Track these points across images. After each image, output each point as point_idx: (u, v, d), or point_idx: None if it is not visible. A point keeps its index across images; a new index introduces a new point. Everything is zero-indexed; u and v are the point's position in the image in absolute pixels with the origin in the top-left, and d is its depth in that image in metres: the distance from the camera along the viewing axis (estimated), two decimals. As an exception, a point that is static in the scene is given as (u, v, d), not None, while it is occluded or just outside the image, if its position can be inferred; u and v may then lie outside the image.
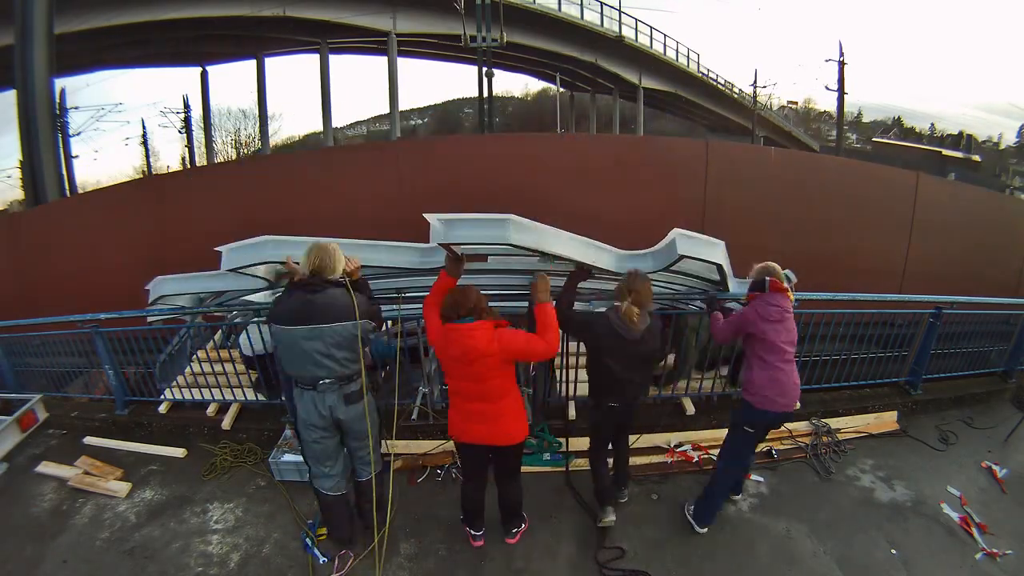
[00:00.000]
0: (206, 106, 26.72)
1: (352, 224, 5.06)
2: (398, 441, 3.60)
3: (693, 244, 2.76)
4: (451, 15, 16.81)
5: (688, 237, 2.75)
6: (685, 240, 2.73)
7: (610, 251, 2.85)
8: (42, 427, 4.17)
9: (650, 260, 2.89)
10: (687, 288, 3.43)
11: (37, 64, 11.99)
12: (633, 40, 24.76)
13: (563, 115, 36.27)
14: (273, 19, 18.58)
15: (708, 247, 2.83)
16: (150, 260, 4.88)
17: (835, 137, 26.58)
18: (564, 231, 2.57)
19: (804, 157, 9.44)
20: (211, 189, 5.18)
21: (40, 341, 4.70)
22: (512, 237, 2.26)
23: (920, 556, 2.78)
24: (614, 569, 2.69)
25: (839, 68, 23.35)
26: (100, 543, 3.00)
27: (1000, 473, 3.41)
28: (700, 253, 2.79)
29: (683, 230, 2.75)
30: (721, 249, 2.89)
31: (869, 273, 4.96)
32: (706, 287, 3.31)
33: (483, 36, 14.85)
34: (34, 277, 5.46)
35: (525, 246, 2.36)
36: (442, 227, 2.26)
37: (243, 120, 33.17)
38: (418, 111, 49.37)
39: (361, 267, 2.62)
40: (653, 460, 3.48)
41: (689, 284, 3.37)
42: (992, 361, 4.53)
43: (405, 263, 2.90)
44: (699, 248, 2.79)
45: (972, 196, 5.81)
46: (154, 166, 28.69)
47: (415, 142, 12.22)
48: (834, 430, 3.73)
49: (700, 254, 2.79)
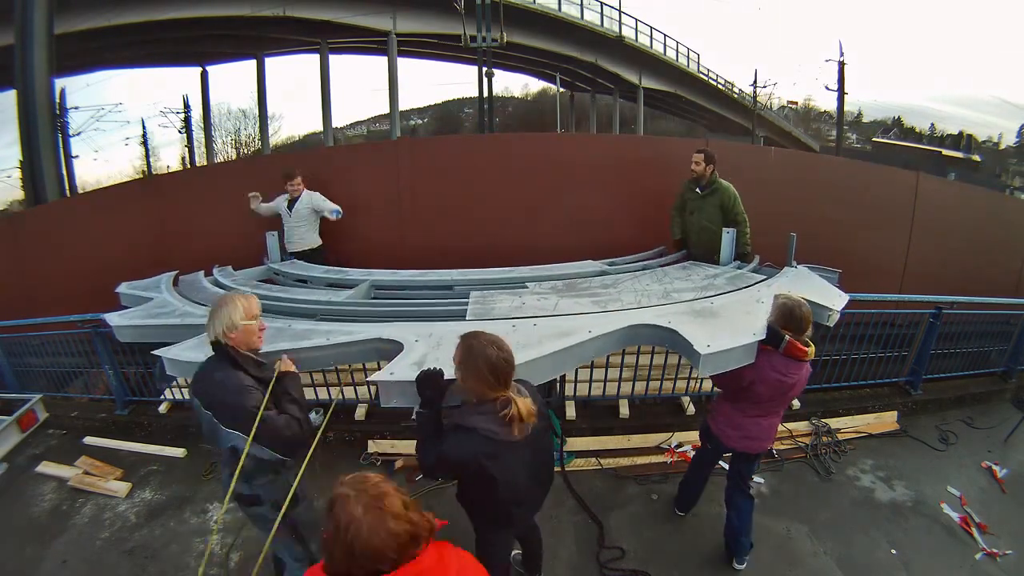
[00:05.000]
0: (206, 106, 26.74)
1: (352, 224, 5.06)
2: (399, 441, 3.60)
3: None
4: (451, 15, 16.80)
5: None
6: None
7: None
8: (42, 427, 4.16)
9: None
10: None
11: (37, 64, 11.98)
12: (633, 40, 24.76)
13: (563, 115, 36.28)
14: (273, 19, 18.57)
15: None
16: (150, 260, 4.87)
17: (835, 137, 26.56)
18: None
19: (804, 157, 9.42)
20: (211, 189, 5.17)
21: (40, 341, 4.69)
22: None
23: (920, 556, 2.78)
24: (614, 569, 2.69)
25: (839, 68, 23.35)
26: (100, 543, 3.00)
27: (1000, 473, 3.41)
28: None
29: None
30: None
31: (869, 273, 4.95)
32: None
33: (483, 36, 14.84)
34: (34, 277, 5.45)
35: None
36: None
37: (243, 120, 33.31)
38: (418, 111, 49.40)
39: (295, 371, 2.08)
40: (653, 460, 3.48)
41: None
42: (992, 361, 4.53)
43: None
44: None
45: (972, 196, 5.80)
46: (154, 166, 28.74)
47: (417, 140, 12.23)
48: (834, 430, 3.73)
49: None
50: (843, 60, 23.26)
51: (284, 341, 2.29)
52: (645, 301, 2.66)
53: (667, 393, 3.83)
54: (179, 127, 26.00)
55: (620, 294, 2.82)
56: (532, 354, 2.05)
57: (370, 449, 3.64)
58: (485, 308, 2.65)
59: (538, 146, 5.30)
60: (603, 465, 3.44)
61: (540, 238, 4.82)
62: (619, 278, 3.21)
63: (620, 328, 2.29)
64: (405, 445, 3.56)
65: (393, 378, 1.93)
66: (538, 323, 2.38)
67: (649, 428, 3.69)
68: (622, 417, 3.77)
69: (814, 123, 44.18)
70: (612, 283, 3.06)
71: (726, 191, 4.00)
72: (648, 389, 3.81)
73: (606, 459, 3.48)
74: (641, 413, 3.83)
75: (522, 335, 2.22)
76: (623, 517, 3.03)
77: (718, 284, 2.99)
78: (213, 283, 3.50)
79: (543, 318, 2.44)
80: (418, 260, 4.64)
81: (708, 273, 3.26)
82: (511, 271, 3.47)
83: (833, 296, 2.71)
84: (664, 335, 2.30)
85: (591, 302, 2.67)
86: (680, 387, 3.84)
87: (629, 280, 3.12)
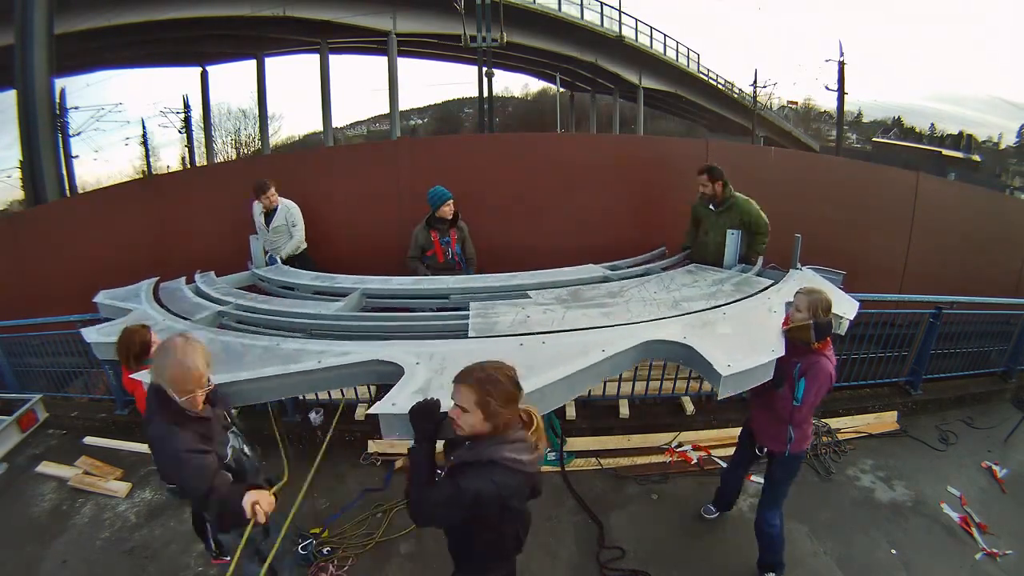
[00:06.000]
0: (206, 106, 26.77)
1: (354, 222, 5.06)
2: (398, 441, 3.60)
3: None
4: (451, 15, 16.81)
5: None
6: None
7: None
8: (42, 427, 4.17)
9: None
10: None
11: (37, 64, 11.99)
12: (633, 40, 24.77)
13: (563, 115, 36.29)
14: (273, 19, 18.58)
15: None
16: (150, 260, 4.87)
17: (835, 137, 26.58)
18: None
19: (804, 157, 9.42)
20: (211, 189, 5.17)
21: (40, 341, 4.69)
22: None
23: (920, 556, 2.78)
24: (614, 569, 2.69)
25: (839, 68, 23.38)
26: (100, 543, 3.00)
27: (1000, 473, 3.41)
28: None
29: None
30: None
31: (869, 273, 4.95)
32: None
33: (483, 36, 14.85)
34: (34, 277, 5.45)
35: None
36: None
37: (243, 120, 33.28)
38: (418, 111, 49.39)
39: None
40: (653, 460, 3.48)
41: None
42: (992, 361, 4.53)
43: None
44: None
45: (972, 196, 5.81)
46: (154, 166, 28.74)
47: (417, 140, 12.24)
48: (834, 430, 3.73)
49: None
50: (843, 60, 23.33)
51: (273, 365, 2.12)
52: (655, 312, 2.57)
53: (667, 393, 3.84)
54: (179, 127, 26.02)
55: (628, 303, 2.73)
56: (546, 379, 1.89)
57: (370, 449, 3.64)
58: (488, 323, 2.50)
59: (538, 146, 5.30)
60: (603, 465, 3.45)
61: (541, 239, 4.82)
62: (624, 284, 3.11)
63: (635, 345, 2.18)
64: (405, 445, 3.56)
65: (395, 410, 1.80)
66: (547, 340, 2.25)
67: (649, 428, 3.69)
68: (622, 417, 3.78)
69: (814, 123, 44.17)
70: (618, 291, 2.98)
71: (745, 209, 3.65)
72: (648, 389, 3.82)
73: (606, 459, 3.49)
74: (641, 413, 3.83)
75: (531, 355, 2.09)
76: (623, 517, 3.03)
77: (726, 290, 2.91)
78: (195, 291, 3.29)
79: (551, 334, 2.32)
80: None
81: (714, 278, 3.19)
82: (511, 278, 3.31)
83: (844, 303, 2.68)
84: (680, 352, 2.20)
85: (599, 314, 2.57)
86: (680, 387, 3.85)
87: (635, 288, 3.01)
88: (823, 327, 2.21)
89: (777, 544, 2.57)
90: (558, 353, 2.09)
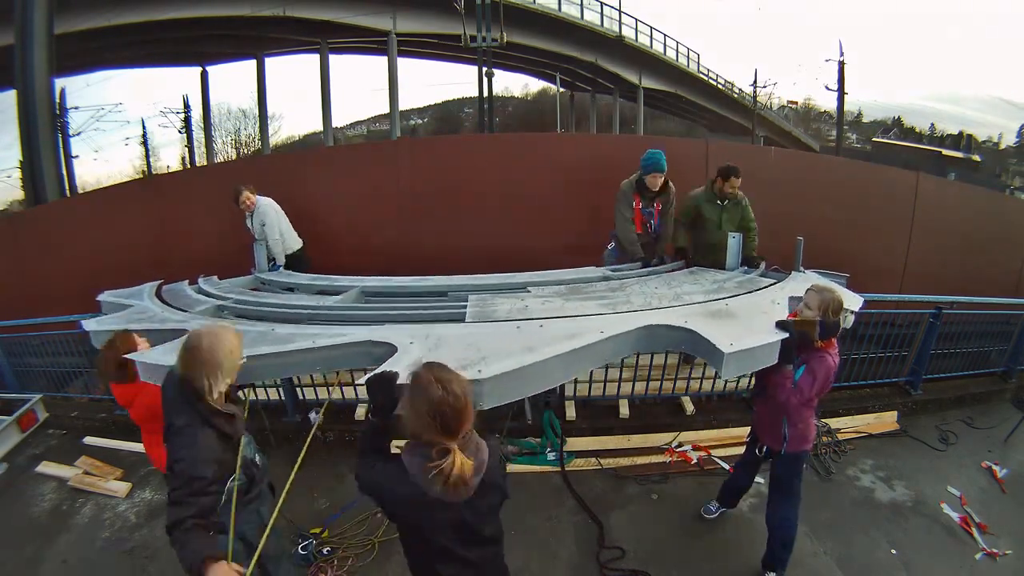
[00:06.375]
0: (206, 106, 26.78)
1: (354, 223, 5.06)
2: (399, 441, 3.59)
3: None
4: (451, 15, 16.80)
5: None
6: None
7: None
8: (42, 427, 4.17)
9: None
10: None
11: (37, 64, 12.00)
12: (633, 40, 24.78)
13: (563, 115, 36.29)
14: (273, 19, 18.59)
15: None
16: (150, 260, 4.88)
17: (835, 137, 26.58)
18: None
19: (804, 157, 9.44)
20: (212, 188, 5.17)
21: (40, 341, 4.70)
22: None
23: (920, 556, 2.78)
24: (614, 569, 2.69)
25: (839, 68, 23.36)
26: (100, 543, 3.00)
27: (1000, 473, 3.41)
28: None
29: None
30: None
31: (869, 273, 4.95)
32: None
33: (483, 36, 14.84)
34: (34, 277, 5.46)
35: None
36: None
37: (243, 120, 33.31)
38: (418, 111, 49.40)
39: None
40: (653, 460, 3.48)
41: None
42: (992, 361, 4.53)
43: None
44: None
45: (972, 196, 5.81)
46: (154, 166, 28.74)
47: (417, 140, 12.22)
48: (834, 430, 3.73)
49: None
50: (843, 60, 23.31)
51: (266, 345, 2.12)
52: (656, 303, 2.55)
53: (667, 393, 3.84)
54: (179, 127, 26.03)
55: (629, 297, 2.71)
56: (540, 355, 1.86)
57: (370, 449, 3.63)
58: (485, 311, 2.49)
59: (538, 146, 5.31)
60: (603, 465, 3.44)
61: (541, 239, 4.82)
62: (625, 282, 3.13)
63: (635, 328, 2.14)
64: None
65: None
66: (544, 324, 2.21)
67: (649, 428, 3.69)
68: (622, 417, 3.78)
69: (814, 123, 44.19)
70: (619, 286, 2.99)
71: (746, 204, 3.82)
72: (648, 389, 3.82)
73: (606, 459, 3.49)
74: (641, 413, 3.83)
75: (527, 337, 2.06)
76: (623, 517, 3.03)
77: (728, 288, 2.90)
78: (197, 291, 3.30)
79: (550, 319, 2.29)
80: (417, 260, 4.65)
81: (717, 278, 3.20)
82: (510, 277, 3.29)
83: (849, 297, 2.70)
84: (682, 336, 2.16)
85: (599, 305, 2.54)
86: (680, 387, 3.85)
87: (636, 284, 3.02)
88: (830, 327, 2.20)
89: (789, 543, 2.57)
90: (556, 335, 2.06)
